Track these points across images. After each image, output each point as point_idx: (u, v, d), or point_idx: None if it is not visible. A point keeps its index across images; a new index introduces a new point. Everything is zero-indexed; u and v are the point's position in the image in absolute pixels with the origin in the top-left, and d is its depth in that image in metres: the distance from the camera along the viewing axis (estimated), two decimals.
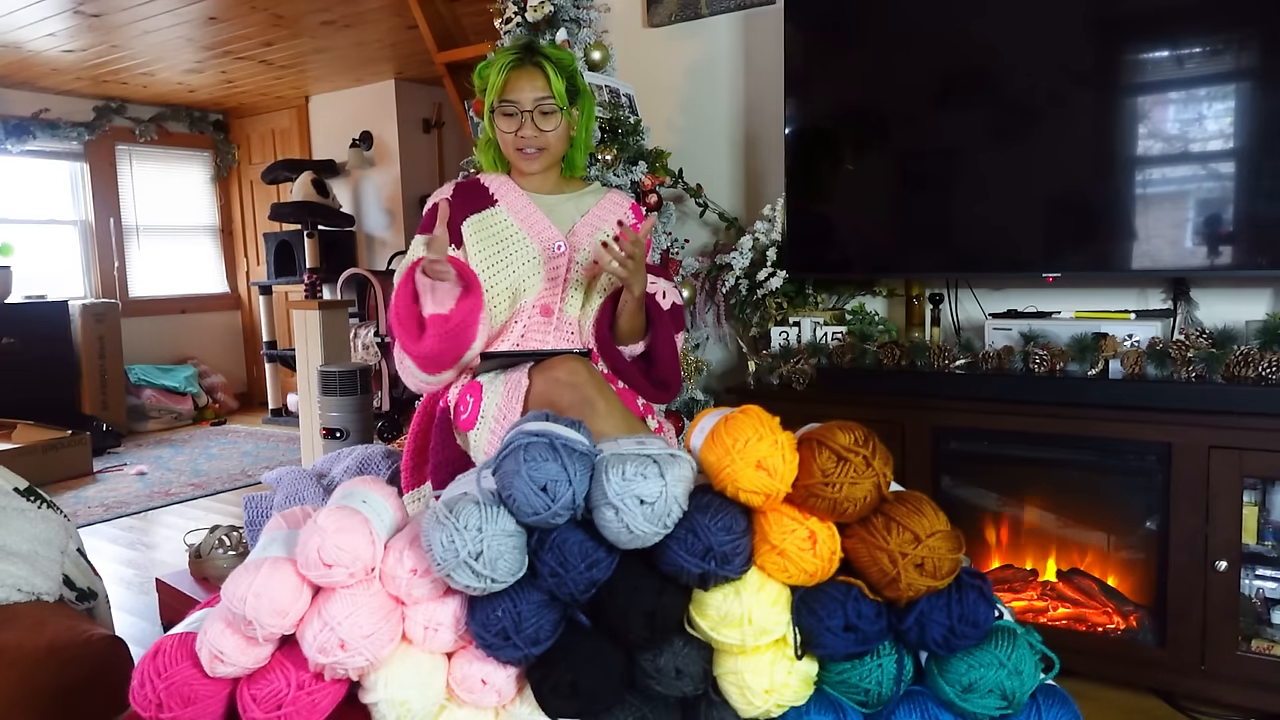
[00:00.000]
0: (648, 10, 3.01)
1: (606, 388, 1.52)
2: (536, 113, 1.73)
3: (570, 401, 1.48)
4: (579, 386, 1.49)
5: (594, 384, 1.51)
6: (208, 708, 1.05)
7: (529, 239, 1.77)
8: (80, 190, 5.82)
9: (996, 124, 2.17)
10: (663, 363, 1.77)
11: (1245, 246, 1.94)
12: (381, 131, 5.68)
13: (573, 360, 1.55)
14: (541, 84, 1.72)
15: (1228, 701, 1.85)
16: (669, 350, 1.77)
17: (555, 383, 1.51)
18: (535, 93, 1.72)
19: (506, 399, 1.55)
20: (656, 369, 1.77)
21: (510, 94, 1.73)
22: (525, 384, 1.55)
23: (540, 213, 1.80)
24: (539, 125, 1.73)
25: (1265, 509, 1.84)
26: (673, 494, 1.05)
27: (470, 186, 1.83)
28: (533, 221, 1.79)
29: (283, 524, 1.18)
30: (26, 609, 1.57)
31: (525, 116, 1.73)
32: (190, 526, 3.29)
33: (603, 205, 1.88)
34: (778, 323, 2.52)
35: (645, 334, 1.78)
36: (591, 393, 1.49)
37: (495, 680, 1.08)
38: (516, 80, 1.73)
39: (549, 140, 1.76)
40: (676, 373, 1.80)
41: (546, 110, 1.73)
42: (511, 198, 1.81)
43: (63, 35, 4.33)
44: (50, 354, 5.09)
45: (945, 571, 1.04)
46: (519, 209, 1.80)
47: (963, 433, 2.11)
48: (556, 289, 1.77)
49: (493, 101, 1.75)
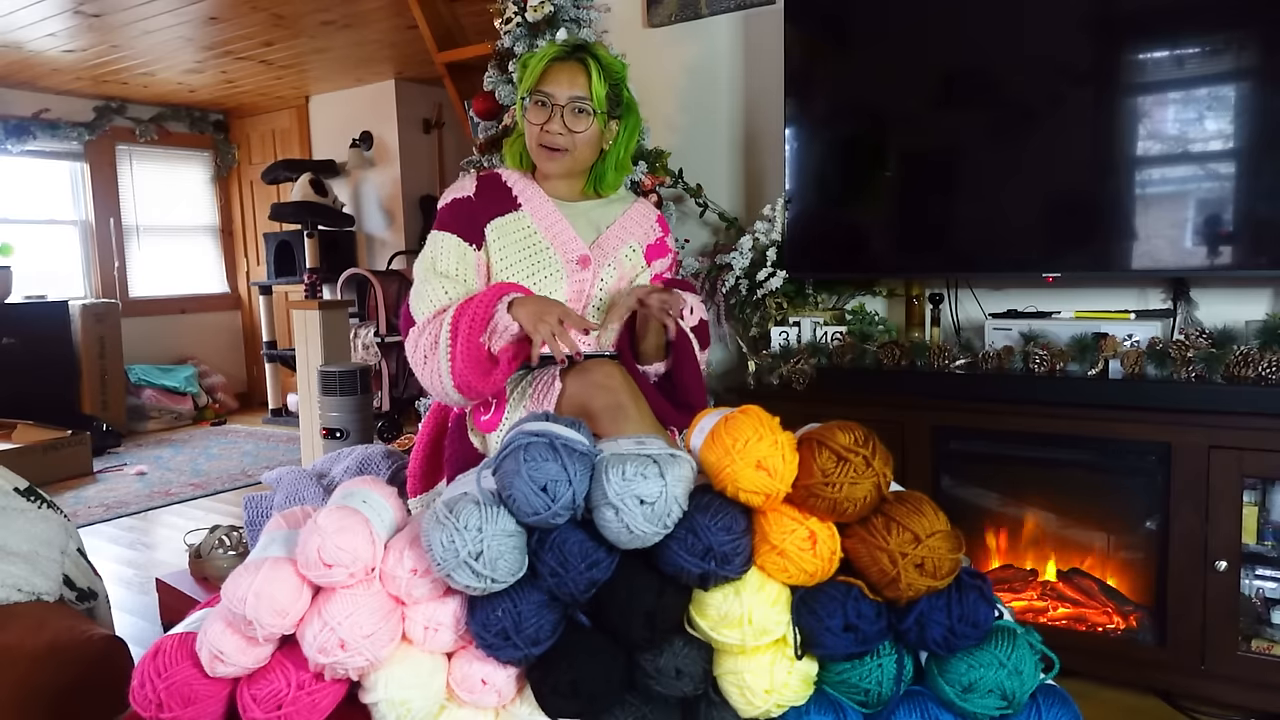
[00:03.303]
0: (648, 10, 3.00)
1: (638, 394, 1.50)
2: (569, 109, 1.62)
3: (603, 404, 1.46)
4: (614, 390, 1.47)
5: (627, 389, 1.48)
6: (208, 708, 1.05)
7: (554, 250, 1.68)
8: (80, 190, 5.82)
9: (997, 123, 2.17)
10: (687, 386, 1.68)
11: (1245, 246, 1.94)
12: (381, 132, 5.68)
13: (608, 364, 1.53)
14: (582, 82, 1.62)
15: (1228, 701, 1.85)
16: (693, 372, 1.69)
17: (589, 385, 1.49)
18: (573, 89, 1.62)
19: (536, 402, 1.53)
20: (680, 392, 1.69)
21: (546, 85, 1.63)
22: (558, 387, 1.51)
23: (565, 222, 1.71)
24: (569, 124, 1.63)
25: (1265, 509, 1.84)
26: (673, 494, 1.05)
27: (492, 183, 1.73)
28: (557, 231, 1.69)
29: (283, 524, 1.18)
30: (26, 609, 1.57)
31: (557, 111, 1.62)
32: (190, 526, 3.29)
33: (629, 217, 1.79)
34: (778, 323, 2.52)
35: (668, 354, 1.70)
36: (625, 398, 1.47)
37: (495, 680, 1.08)
38: (556, 72, 1.63)
39: (576, 143, 1.65)
40: (702, 395, 1.71)
41: (581, 110, 1.63)
42: (536, 202, 1.71)
43: (63, 35, 4.33)
44: (50, 354, 5.09)
45: (945, 571, 1.04)
46: (543, 216, 1.70)
47: (963, 433, 2.11)
48: (580, 302, 1.70)
49: (527, 89, 1.65)
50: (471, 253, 1.67)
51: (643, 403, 1.50)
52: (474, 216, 1.68)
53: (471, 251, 1.67)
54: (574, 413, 1.48)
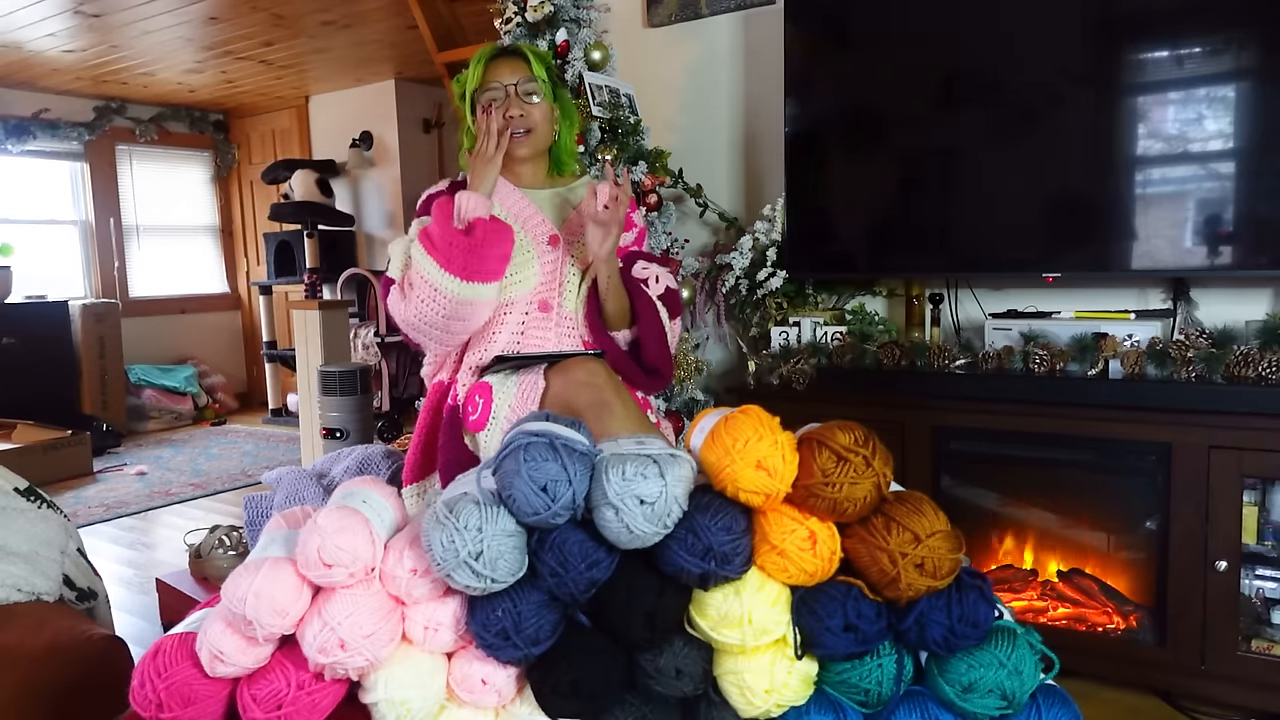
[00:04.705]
0: (648, 10, 3.00)
1: (623, 390, 1.53)
2: (519, 91, 1.75)
3: (587, 402, 1.48)
4: (598, 388, 1.50)
5: (611, 386, 1.51)
6: (208, 708, 1.04)
7: (524, 232, 1.77)
8: (80, 190, 5.82)
9: (997, 124, 2.17)
10: (650, 348, 1.76)
11: (1245, 246, 1.94)
12: (381, 131, 5.68)
13: (591, 361, 1.56)
14: (522, 68, 1.76)
15: (1228, 701, 1.85)
16: (656, 335, 1.76)
17: (573, 383, 1.51)
18: (516, 75, 1.75)
19: (521, 400, 1.55)
20: (645, 355, 1.76)
21: (492, 78, 1.75)
22: (542, 385, 1.55)
23: (533, 206, 1.81)
24: (524, 101, 1.75)
25: (1265, 509, 1.84)
26: (673, 494, 1.05)
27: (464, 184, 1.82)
28: (526, 215, 1.80)
29: (283, 524, 1.18)
30: (26, 609, 1.57)
31: (509, 92, 1.74)
32: (190, 526, 3.29)
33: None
34: (778, 323, 2.52)
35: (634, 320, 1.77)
36: (609, 395, 1.49)
37: (495, 680, 1.08)
38: (497, 66, 1.76)
39: (535, 119, 1.77)
40: (667, 359, 1.79)
41: (529, 89, 1.75)
42: (504, 192, 1.81)
43: (63, 35, 4.33)
44: (50, 354, 5.09)
45: (945, 571, 1.04)
46: (512, 203, 1.81)
47: (963, 433, 2.11)
48: (554, 284, 1.77)
49: (474, 90, 1.77)
50: None
51: (628, 399, 1.52)
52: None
53: None
54: (558, 409, 1.50)
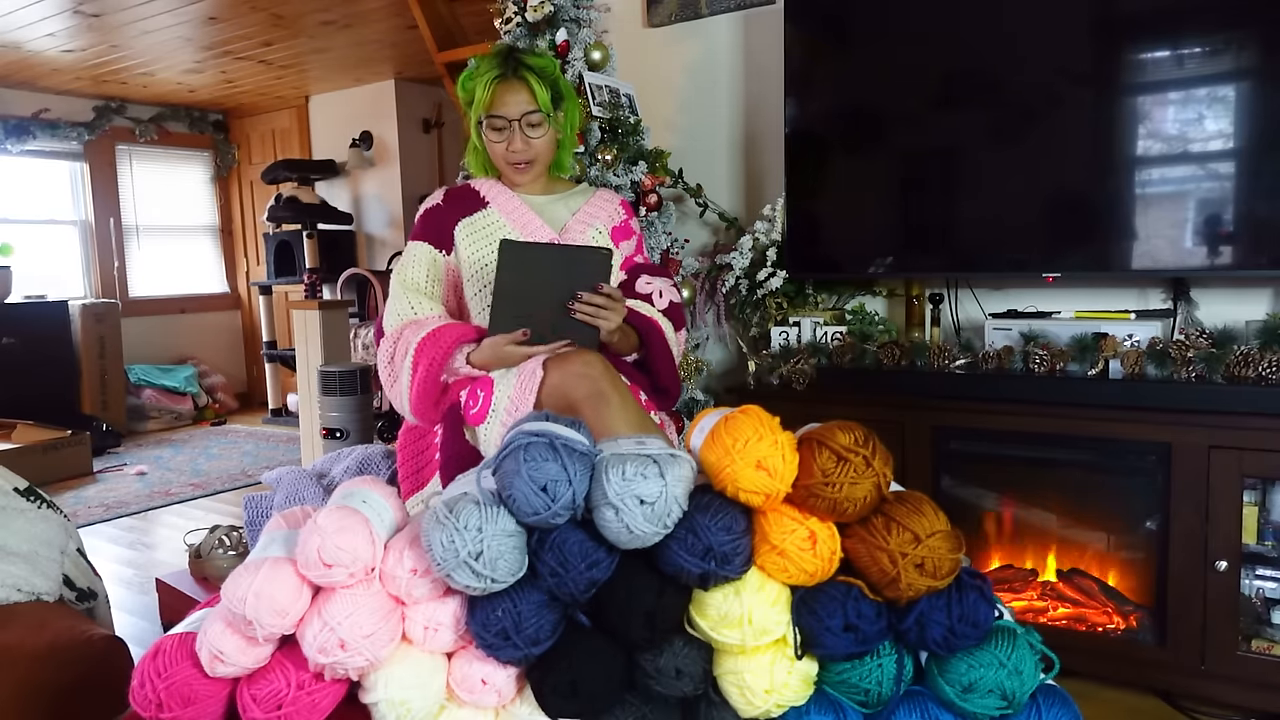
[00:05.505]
0: (648, 10, 3.00)
1: (621, 382, 1.53)
2: (524, 124, 1.76)
3: (585, 393, 1.49)
4: (595, 379, 1.50)
5: (609, 378, 1.51)
6: (208, 708, 1.04)
7: (523, 239, 1.78)
8: (80, 190, 5.82)
9: (996, 124, 2.17)
10: (660, 374, 1.80)
11: (1245, 246, 1.94)
12: (381, 131, 5.68)
13: (588, 353, 1.57)
14: (526, 97, 1.75)
15: (1228, 701, 1.85)
16: (666, 361, 1.80)
17: (570, 375, 1.52)
18: (521, 106, 1.75)
19: (520, 391, 1.55)
20: (656, 379, 1.80)
21: (497, 109, 1.76)
22: (540, 375, 1.55)
23: (532, 213, 1.83)
24: (527, 135, 1.77)
25: (1265, 509, 1.84)
26: (673, 494, 1.05)
27: (461, 192, 1.87)
28: (525, 221, 1.81)
29: (283, 524, 1.18)
30: (26, 609, 1.57)
31: (514, 127, 1.76)
32: (190, 526, 3.29)
33: (593, 203, 1.91)
34: (778, 323, 2.52)
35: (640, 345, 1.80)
36: (606, 386, 1.49)
37: (495, 680, 1.08)
38: (502, 95, 1.76)
39: (537, 151, 1.79)
40: (675, 380, 1.82)
41: (534, 122, 1.77)
42: (503, 199, 1.84)
43: (63, 35, 4.33)
44: (50, 354, 5.09)
45: (945, 571, 1.04)
46: (511, 210, 1.83)
47: (963, 433, 2.11)
48: None
49: (480, 115, 1.79)
50: (441, 259, 1.80)
51: (625, 390, 1.52)
52: (443, 222, 1.81)
53: (442, 257, 1.80)
54: (555, 402, 1.51)
